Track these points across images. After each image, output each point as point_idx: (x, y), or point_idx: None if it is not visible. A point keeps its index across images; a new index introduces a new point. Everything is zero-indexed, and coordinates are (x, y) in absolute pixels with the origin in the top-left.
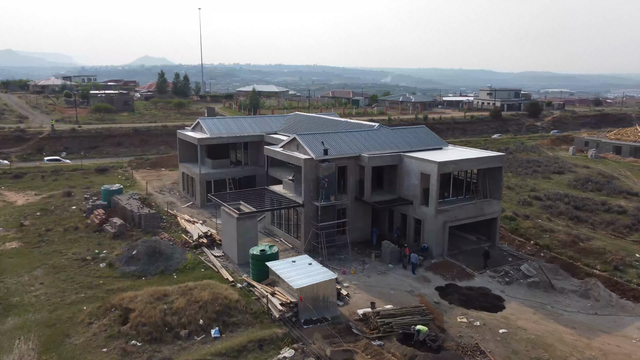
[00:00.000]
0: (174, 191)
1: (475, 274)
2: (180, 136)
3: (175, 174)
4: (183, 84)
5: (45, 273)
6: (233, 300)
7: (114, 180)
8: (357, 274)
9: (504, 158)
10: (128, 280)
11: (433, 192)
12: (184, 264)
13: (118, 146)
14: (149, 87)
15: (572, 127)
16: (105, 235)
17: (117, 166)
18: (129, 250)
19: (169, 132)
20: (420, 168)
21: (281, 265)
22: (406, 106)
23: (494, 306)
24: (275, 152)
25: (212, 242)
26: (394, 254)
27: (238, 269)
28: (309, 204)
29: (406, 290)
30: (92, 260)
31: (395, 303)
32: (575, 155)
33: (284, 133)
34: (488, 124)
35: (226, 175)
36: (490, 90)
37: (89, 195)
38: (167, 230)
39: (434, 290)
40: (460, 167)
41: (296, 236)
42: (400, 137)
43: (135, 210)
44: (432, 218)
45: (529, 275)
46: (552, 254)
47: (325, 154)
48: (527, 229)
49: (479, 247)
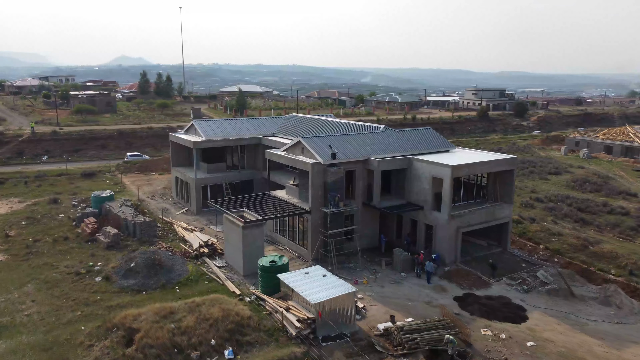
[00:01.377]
0: (166, 196)
1: (491, 281)
2: (173, 139)
3: (166, 178)
4: (166, 85)
5: (37, 289)
6: (245, 316)
7: (102, 185)
8: (369, 283)
9: (516, 161)
10: (127, 295)
11: (446, 197)
12: (186, 276)
13: (102, 149)
14: (131, 87)
15: (557, 127)
16: (98, 245)
17: (104, 170)
18: (126, 263)
19: (155, 134)
20: (432, 172)
21: (294, 278)
22: (393, 106)
23: (517, 317)
24: (278, 156)
25: (213, 252)
26: (406, 262)
27: (244, 280)
28: (317, 211)
29: (424, 301)
30: (87, 274)
31: (414, 315)
32: (567, 155)
33: (282, 135)
34: (476, 124)
35: (222, 179)
36: (475, 90)
37: (77, 202)
38: (164, 239)
39: (452, 300)
40: (474, 171)
41: (302, 244)
42: (408, 139)
43: (129, 218)
44: (445, 224)
45: (546, 282)
46: (566, 259)
47: (333, 158)
48: (535, 232)
49: (491, 252)
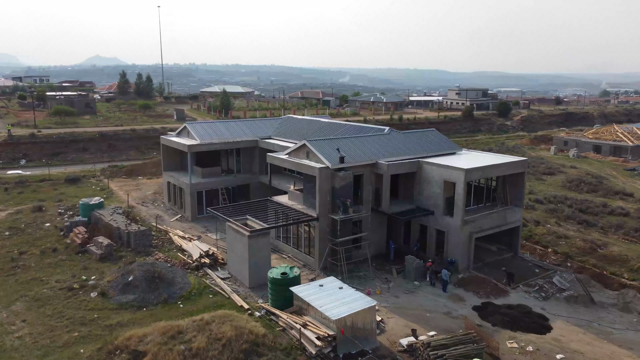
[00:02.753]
0: (157, 202)
1: (508, 289)
2: (165, 142)
3: (155, 182)
4: (146, 85)
5: (27, 307)
6: (260, 335)
7: (88, 191)
8: (382, 293)
9: (527, 163)
10: (127, 312)
11: (459, 202)
12: (189, 290)
13: (83, 152)
14: (109, 88)
15: (540, 127)
16: (90, 257)
17: (88, 175)
18: (123, 276)
19: (138, 136)
20: (444, 175)
21: (309, 291)
22: (378, 107)
23: (541, 327)
24: (281, 160)
25: (214, 262)
26: (419, 270)
27: (250, 293)
28: (325, 218)
29: (442, 312)
30: (81, 289)
31: (435, 328)
32: (557, 155)
33: (279, 138)
34: (461, 124)
35: (218, 184)
36: (458, 90)
37: (64, 209)
38: (160, 249)
39: (471, 310)
40: (486, 174)
41: (308, 252)
42: (414, 141)
43: (122, 227)
44: (458, 229)
45: (563, 289)
46: (578, 263)
47: (341, 162)
48: (542, 235)
49: (502, 257)
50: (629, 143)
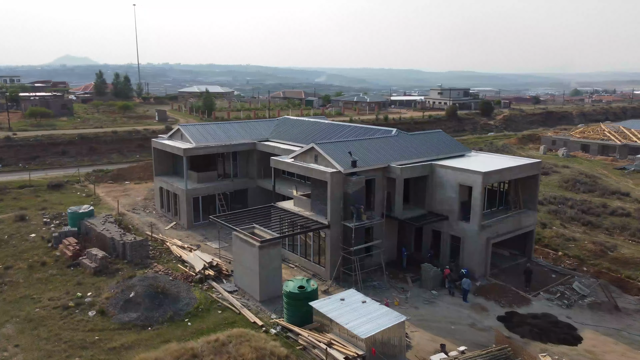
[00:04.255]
0: (149, 209)
1: (529, 296)
2: (157, 145)
3: (144, 187)
4: (124, 85)
5: (19, 330)
6: (282, 356)
7: (73, 198)
8: (401, 304)
9: (541, 165)
10: (131, 332)
11: (476, 207)
12: (195, 305)
13: (63, 155)
14: (85, 88)
15: (522, 126)
16: (83, 271)
17: (72, 180)
18: (123, 292)
19: (120, 138)
20: (459, 179)
21: (331, 306)
22: (362, 106)
23: (571, 337)
24: (286, 164)
25: (219, 274)
26: (436, 279)
27: (262, 307)
28: (336, 225)
29: (467, 323)
30: (77, 308)
31: (463, 342)
32: (546, 155)
33: (278, 140)
34: (445, 123)
35: (215, 190)
36: (441, 89)
37: (49, 218)
38: (158, 260)
39: (496, 321)
40: (504, 177)
41: (318, 262)
42: (423, 144)
43: (116, 237)
44: (475, 235)
45: (584, 294)
46: (592, 266)
47: (353, 166)
48: (551, 238)
49: (516, 263)
50: (616, 142)
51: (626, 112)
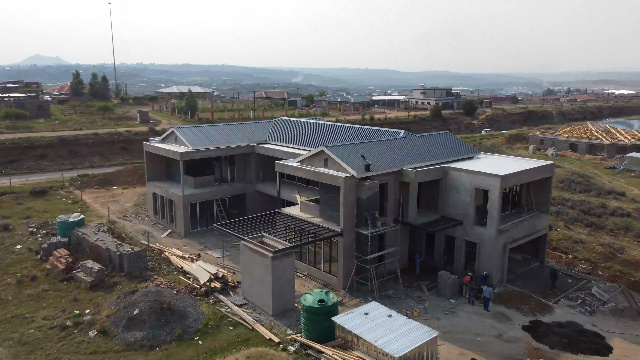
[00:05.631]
0: (141, 216)
1: (550, 303)
2: (150, 149)
3: (133, 192)
4: (102, 86)
5: (13, 354)
6: None
7: (59, 205)
8: (420, 315)
9: (554, 167)
10: (137, 354)
11: (494, 211)
12: (204, 321)
13: (42, 159)
14: (61, 89)
15: (504, 125)
16: (78, 285)
17: (56, 186)
18: (125, 309)
19: (102, 140)
20: (474, 182)
21: (355, 321)
22: (346, 106)
23: (601, 347)
24: (293, 168)
25: (225, 285)
26: (454, 287)
27: (276, 322)
28: (350, 232)
29: (493, 334)
30: (76, 327)
31: (494, 356)
32: (535, 154)
33: (277, 142)
34: (430, 123)
35: (212, 195)
36: (423, 89)
37: (35, 228)
38: (158, 272)
39: (522, 331)
40: (520, 180)
41: (329, 271)
42: (434, 146)
43: (112, 248)
44: (492, 240)
45: (604, 300)
46: (609, 270)
47: (367, 170)
48: (559, 240)
49: (530, 267)
50: (604, 141)
51: (602, 111)
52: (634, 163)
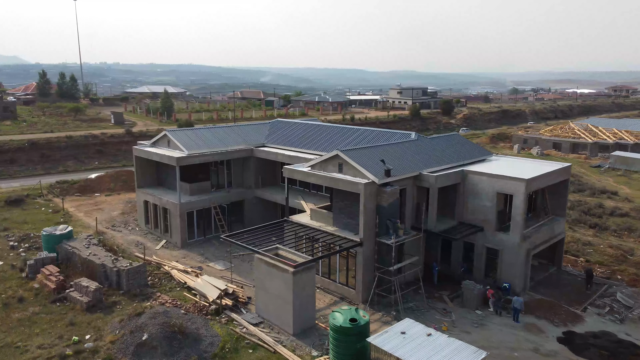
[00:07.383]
0: (130, 225)
1: (578, 311)
2: (140, 154)
3: (117, 199)
4: (70, 86)
5: None
6: None
7: (39, 215)
8: (449, 329)
9: (570, 169)
10: None
11: (518, 216)
12: (220, 344)
13: (11, 164)
14: (26, 89)
15: (481, 124)
16: (73, 307)
17: (33, 194)
18: (132, 334)
19: (75, 144)
20: (496, 187)
21: (394, 343)
22: (324, 106)
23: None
24: (304, 173)
25: (236, 302)
26: (480, 297)
27: (298, 342)
28: (370, 242)
29: (529, 348)
30: (77, 357)
31: None
32: (520, 153)
33: (276, 145)
34: (410, 123)
35: (210, 202)
36: (400, 89)
37: (15, 242)
38: (159, 288)
39: (558, 343)
40: (543, 183)
41: (346, 283)
42: (448, 148)
43: (108, 263)
44: (515, 247)
45: (630, 307)
46: (621, 272)
47: (387, 176)
48: (568, 243)
49: (549, 273)
50: (587, 140)
51: (573, 109)
52: (619, 162)
